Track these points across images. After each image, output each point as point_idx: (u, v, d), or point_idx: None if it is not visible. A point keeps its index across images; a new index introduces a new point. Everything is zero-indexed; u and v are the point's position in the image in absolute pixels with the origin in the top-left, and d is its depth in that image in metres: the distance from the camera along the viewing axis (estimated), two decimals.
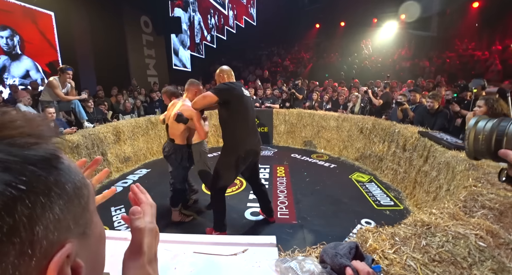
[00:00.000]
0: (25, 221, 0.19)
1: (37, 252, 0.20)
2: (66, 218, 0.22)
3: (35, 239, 0.20)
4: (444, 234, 1.22)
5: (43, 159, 0.22)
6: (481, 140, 0.51)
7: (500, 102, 2.45)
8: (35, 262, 0.20)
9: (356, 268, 0.77)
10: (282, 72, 11.94)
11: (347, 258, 0.88)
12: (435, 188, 2.74)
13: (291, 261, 0.82)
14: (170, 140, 2.65)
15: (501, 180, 0.57)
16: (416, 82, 7.10)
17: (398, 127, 3.83)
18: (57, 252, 0.21)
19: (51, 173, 0.22)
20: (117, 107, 5.98)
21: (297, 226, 2.75)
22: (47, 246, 0.21)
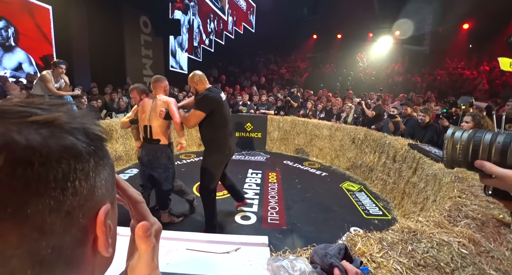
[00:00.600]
0: (93, 170, 0.24)
1: (94, 198, 0.25)
2: (108, 183, 0.27)
3: (96, 186, 0.25)
4: (429, 240, 1.26)
5: (99, 136, 0.27)
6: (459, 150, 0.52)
7: (486, 119, 2.56)
8: (90, 205, 0.24)
9: (345, 268, 0.80)
10: (278, 80, 12.08)
11: (337, 259, 0.91)
12: (422, 199, 2.81)
13: (282, 260, 0.84)
14: (153, 141, 2.53)
15: (487, 193, 0.58)
16: (408, 96, 7.31)
17: (389, 139, 3.92)
18: (103, 206, 0.26)
19: (103, 146, 0.27)
20: (111, 105, 5.92)
21: (287, 231, 2.76)
22: (98, 196, 0.25)
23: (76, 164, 0.22)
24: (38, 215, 0.20)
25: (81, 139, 0.24)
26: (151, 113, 2.49)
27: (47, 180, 0.20)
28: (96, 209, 0.25)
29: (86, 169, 0.23)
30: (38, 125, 0.21)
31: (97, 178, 0.25)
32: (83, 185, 0.23)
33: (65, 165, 0.21)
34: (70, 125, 0.23)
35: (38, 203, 0.20)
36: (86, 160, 0.24)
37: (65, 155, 0.22)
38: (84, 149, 0.24)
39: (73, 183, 0.22)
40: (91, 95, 5.82)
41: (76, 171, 0.22)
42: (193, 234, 1.01)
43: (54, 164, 0.21)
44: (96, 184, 0.25)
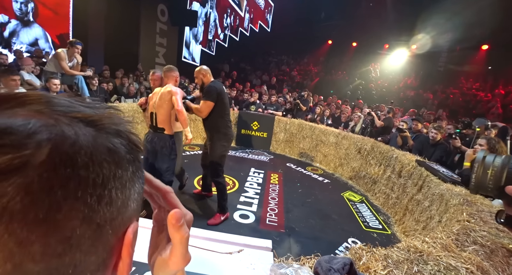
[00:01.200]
0: (130, 181, 0.22)
1: (126, 212, 0.22)
2: (139, 197, 0.24)
3: (130, 198, 0.22)
4: (436, 263, 1.21)
5: (138, 143, 0.25)
6: (490, 175, 0.50)
7: (501, 144, 2.48)
8: (121, 220, 0.21)
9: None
10: (288, 82, 12.02)
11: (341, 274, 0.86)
12: (425, 217, 2.75)
13: (287, 267, 0.80)
14: (158, 130, 2.51)
15: (499, 221, 0.56)
16: (418, 112, 7.21)
17: (396, 153, 3.86)
18: (130, 225, 0.23)
19: (139, 158, 0.25)
20: (121, 90, 5.92)
21: (284, 235, 2.71)
22: (130, 212, 0.22)
23: (116, 171, 0.20)
24: (68, 224, 0.17)
25: (124, 144, 0.22)
26: (157, 101, 2.47)
27: (86, 183, 0.18)
28: (125, 226, 0.22)
29: (125, 178, 0.21)
30: (84, 122, 0.20)
31: (132, 190, 0.22)
32: (119, 196, 0.21)
33: (106, 169, 0.19)
34: (116, 128, 0.22)
35: (72, 210, 0.17)
36: (125, 168, 0.21)
37: (108, 159, 0.20)
38: (125, 155, 0.22)
39: (110, 191, 0.20)
40: (102, 78, 5.82)
41: (115, 178, 0.20)
42: (195, 230, 0.97)
43: (96, 167, 0.19)
44: (131, 196, 0.22)
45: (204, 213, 2.94)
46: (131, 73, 6.87)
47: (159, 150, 2.53)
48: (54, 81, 3.55)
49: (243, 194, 3.56)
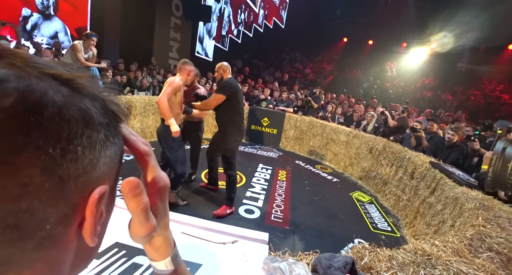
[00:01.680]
0: (101, 143, 0.22)
1: (94, 173, 0.21)
2: (112, 163, 0.24)
3: (99, 161, 0.22)
4: (445, 268, 1.14)
5: (117, 112, 0.25)
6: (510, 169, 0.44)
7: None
8: (87, 179, 0.21)
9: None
10: (301, 79, 11.86)
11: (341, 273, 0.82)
12: (437, 221, 2.63)
13: (281, 261, 0.76)
14: (162, 120, 2.57)
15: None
16: (435, 113, 6.93)
17: (409, 154, 3.71)
18: (100, 186, 0.23)
19: (117, 126, 0.25)
20: (134, 82, 6.02)
21: (289, 232, 2.67)
22: (98, 173, 0.22)
23: (85, 129, 0.20)
24: (26, 170, 0.17)
25: (97, 107, 0.22)
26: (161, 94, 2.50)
27: (50, 135, 0.18)
28: (92, 186, 0.22)
29: (94, 138, 0.21)
30: (59, 81, 0.20)
31: (103, 153, 0.22)
32: (86, 155, 0.20)
33: (73, 125, 0.19)
34: (91, 91, 0.22)
35: (31, 157, 0.17)
36: (96, 129, 0.21)
37: (76, 116, 0.20)
38: (98, 118, 0.22)
39: (76, 148, 0.20)
40: (117, 70, 5.93)
41: (82, 136, 0.20)
42: (191, 218, 0.95)
43: (63, 122, 0.19)
44: (100, 159, 0.22)
45: (210, 206, 2.93)
46: (144, 67, 6.97)
47: (162, 139, 2.59)
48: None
49: (249, 189, 3.54)
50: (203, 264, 0.73)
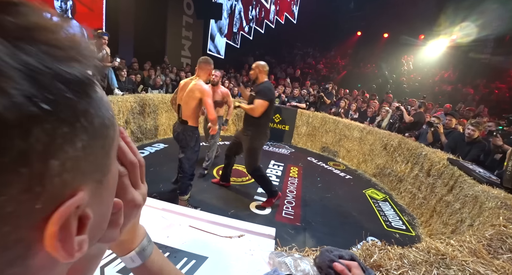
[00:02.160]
0: (40, 150, 0.15)
1: (46, 192, 0.16)
2: (87, 159, 0.18)
3: (47, 175, 0.15)
4: (461, 269, 1.10)
5: (76, 80, 0.17)
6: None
7: None
8: (41, 204, 0.16)
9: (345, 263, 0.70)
10: (313, 75, 11.68)
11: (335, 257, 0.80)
12: (455, 221, 2.54)
13: (286, 256, 0.76)
14: (182, 122, 2.53)
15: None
16: (455, 108, 6.64)
17: (426, 150, 3.59)
18: (68, 200, 0.17)
19: (82, 100, 0.18)
20: (148, 81, 6.15)
21: (300, 229, 2.67)
22: (58, 187, 0.16)
23: None
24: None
25: (8, 91, 0.13)
26: (184, 95, 2.47)
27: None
28: (61, 198, 0.17)
29: (35, 143, 0.14)
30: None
31: (62, 154, 0.16)
32: (7, 180, 0.14)
33: None
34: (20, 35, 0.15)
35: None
36: (41, 129, 0.15)
37: None
38: (32, 109, 0.14)
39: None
40: (131, 70, 6.08)
41: (11, 152, 0.14)
42: (200, 212, 0.96)
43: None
44: (47, 169, 0.15)
45: (223, 202, 2.97)
46: (158, 66, 7.11)
47: (184, 141, 2.57)
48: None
49: None
50: (209, 257, 0.74)
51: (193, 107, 2.47)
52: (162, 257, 0.38)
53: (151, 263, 0.36)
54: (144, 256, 0.35)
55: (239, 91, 5.10)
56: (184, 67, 7.93)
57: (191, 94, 2.44)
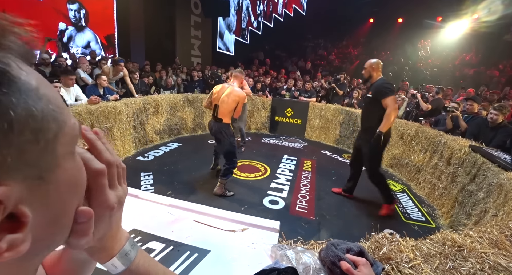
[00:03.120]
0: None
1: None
2: (2, 153, 0.17)
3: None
4: (479, 261, 1.04)
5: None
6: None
7: None
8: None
9: (351, 260, 0.69)
10: (325, 66, 11.43)
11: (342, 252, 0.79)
12: (479, 211, 2.42)
13: (288, 249, 0.76)
14: (217, 120, 2.92)
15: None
16: (477, 92, 6.27)
17: (445, 138, 3.42)
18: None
19: None
20: (159, 82, 6.29)
21: (314, 222, 2.65)
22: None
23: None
24: None
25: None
26: (223, 97, 2.87)
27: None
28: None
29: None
30: None
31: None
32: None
33: None
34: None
35: None
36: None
37: None
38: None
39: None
40: (144, 72, 6.24)
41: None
42: (204, 207, 0.98)
43: None
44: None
45: (237, 198, 3.00)
46: (169, 66, 7.24)
47: (219, 135, 2.95)
48: (103, 77, 4.12)
49: (274, 180, 3.56)
50: (211, 250, 0.75)
51: (231, 109, 2.89)
52: (148, 259, 0.37)
53: (136, 267, 0.35)
54: (126, 261, 0.34)
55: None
56: (195, 66, 8.02)
57: (231, 97, 2.85)
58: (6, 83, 0.17)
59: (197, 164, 3.92)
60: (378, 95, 2.65)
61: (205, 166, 3.80)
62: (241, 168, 3.87)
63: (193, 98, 5.55)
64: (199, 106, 5.67)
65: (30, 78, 0.20)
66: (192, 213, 0.94)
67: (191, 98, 5.51)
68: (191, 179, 3.39)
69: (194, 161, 4.02)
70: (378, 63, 2.75)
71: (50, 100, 0.20)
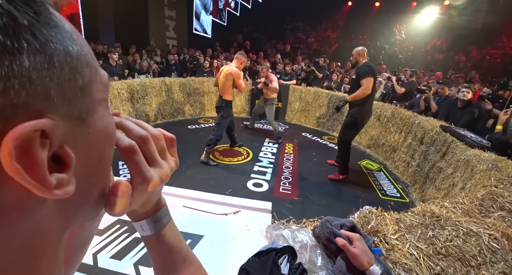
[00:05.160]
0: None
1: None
2: (45, 84, 0.16)
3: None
4: (455, 228, 1.12)
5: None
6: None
7: None
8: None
9: (346, 236, 0.70)
10: (304, 49, 11.37)
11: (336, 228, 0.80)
12: (447, 185, 2.61)
13: (284, 229, 0.75)
14: (220, 96, 3.38)
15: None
16: (445, 75, 6.60)
17: (419, 119, 3.60)
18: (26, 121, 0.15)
19: (27, 14, 0.16)
20: (133, 66, 5.91)
21: (297, 203, 2.72)
22: (4, 103, 0.14)
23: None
24: None
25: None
26: (221, 77, 3.32)
27: None
28: (15, 118, 0.15)
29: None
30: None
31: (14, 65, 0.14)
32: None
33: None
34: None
35: None
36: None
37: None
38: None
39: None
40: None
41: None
42: (192, 192, 0.94)
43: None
44: (6, 76, 0.14)
45: (220, 182, 2.99)
46: (143, 49, 6.80)
47: (219, 109, 3.41)
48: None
49: (257, 163, 3.57)
50: (204, 235, 0.73)
51: (228, 85, 3.29)
52: (175, 233, 0.37)
53: (161, 236, 0.35)
54: (155, 227, 0.34)
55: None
56: (170, 49, 7.60)
57: (225, 75, 3.26)
58: (48, 17, 0.17)
59: (179, 150, 3.71)
60: (359, 76, 2.98)
61: (186, 152, 3.71)
62: (223, 152, 3.83)
63: (170, 82, 5.30)
64: (178, 91, 5.44)
65: (64, 21, 0.20)
66: (181, 198, 0.90)
67: (168, 83, 5.26)
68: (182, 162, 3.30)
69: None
70: (363, 50, 3.06)
71: (83, 46, 0.20)
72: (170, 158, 0.32)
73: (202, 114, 5.90)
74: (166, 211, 0.36)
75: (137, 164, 0.27)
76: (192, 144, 4.07)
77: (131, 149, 0.26)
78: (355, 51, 3.09)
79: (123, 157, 0.26)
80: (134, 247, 0.68)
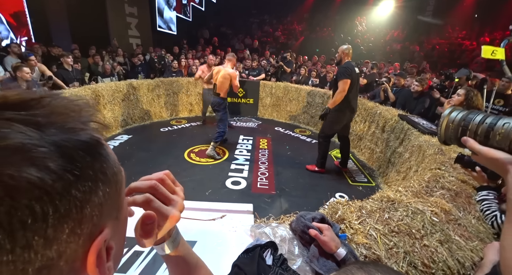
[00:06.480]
0: (77, 204, 0.20)
1: (84, 232, 0.22)
2: (107, 203, 0.24)
3: (84, 220, 0.21)
4: (405, 209, 1.34)
5: (89, 145, 0.23)
6: (451, 128, 0.56)
7: (478, 97, 2.55)
8: (81, 242, 0.22)
9: (317, 227, 0.85)
10: (272, 43, 11.52)
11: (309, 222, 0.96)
12: (405, 168, 2.94)
13: (265, 227, 0.89)
14: (216, 94, 3.69)
15: (454, 162, 0.66)
16: (403, 66, 7.17)
17: (380, 109, 3.94)
18: (98, 235, 0.23)
19: (96, 159, 0.23)
20: (95, 69, 5.60)
21: (275, 196, 2.89)
22: (91, 228, 0.22)
23: (45, 207, 0.18)
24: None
25: (52, 168, 0.19)
26: (219, 78, 3.61)
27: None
28: (94, 235, 0.23)
29: (63, 207, 0.19)
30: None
31: (91, 203, 0.22)
32: (61, 230, 0.19)
33: (22, 215, 0.17)
34: (40, 151, 0.19)
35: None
36: (61, 196, 0.19)
37: (22, 200, 0.17)
38: (68, 177, 0.20)
39: (43, 233, 0.18)
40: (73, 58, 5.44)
41: (47, 217, 0.18)
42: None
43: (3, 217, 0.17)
44: (84, 217, 0.21)
45: (200, 183, 3.05)
46: (104, 50, 6.43)
47: (216, 106, 3.70)
48: (25, 69, 3.32)
49: (233, 162, 3.68)
50: (197, 240, 0.83)
51: (226, 85, 3.63)
52: (186, 247, 0.46)
53: (177, 252, 0.43)
54: (174, 246, 0.42)
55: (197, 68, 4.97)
56: (135, 49, 7.28)
57: (224, 76, 3.58)
58: (102, 152, 0.24)
59: (153, 154, 3.79)
60: (337, 78, 3.15)
61: (162, 155, 3.70)
62: (199, 153, 3.88)
63: (138, 84, 5.14)
64: (146, 93, 5.30)
65: (109, 147, 0.27)
66: None
67: (136, 85, 5.10)
68: (150, 171, 3.25)
69: (149, 152, 3.86)
70: (348, 48, 3.18)
71: (114, 157, 0.27)
72: (179, 190, 0.40)
73: (174, 116, 5.83)
74: (177, 230, 0.44)
75: (157, 209, 0.34)
76: (166, 147, 4.06)
77: (147, 201, 0.34)
78: (340, 49, 3.18)
79: (145, 209, 0.33)
80: (135, 260, 0.77)
